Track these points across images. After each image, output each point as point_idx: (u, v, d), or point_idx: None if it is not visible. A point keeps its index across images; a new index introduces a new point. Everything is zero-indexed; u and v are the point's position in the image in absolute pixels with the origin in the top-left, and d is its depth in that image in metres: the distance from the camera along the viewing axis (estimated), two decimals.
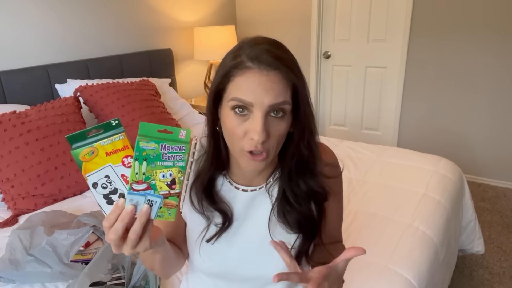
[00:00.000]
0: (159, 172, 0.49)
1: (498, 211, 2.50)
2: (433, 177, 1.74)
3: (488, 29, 2.56)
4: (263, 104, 0.59)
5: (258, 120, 0.59)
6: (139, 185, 0.49)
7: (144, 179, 0.49)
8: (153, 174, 0.49)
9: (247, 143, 0.61)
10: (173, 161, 0.49)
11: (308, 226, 0.72)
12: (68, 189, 1.65)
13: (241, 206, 0.74)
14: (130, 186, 0.48)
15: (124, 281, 1.09)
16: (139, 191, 0.49)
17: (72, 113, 1.83)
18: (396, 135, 3.17)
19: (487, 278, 1.90)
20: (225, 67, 0.63)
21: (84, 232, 1.16)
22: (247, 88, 0.59)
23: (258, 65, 0.59)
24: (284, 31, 3.39)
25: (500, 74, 2.61)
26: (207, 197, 0.72)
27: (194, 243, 0.76)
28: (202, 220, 0.74)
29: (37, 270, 1.09)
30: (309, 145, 0.68)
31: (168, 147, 0.49)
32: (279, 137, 0.63)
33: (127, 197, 0.48)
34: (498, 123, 2.71)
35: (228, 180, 0.75)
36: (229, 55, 0.64)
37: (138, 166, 0.48)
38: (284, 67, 0.60)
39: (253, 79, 0.59)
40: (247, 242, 0.74)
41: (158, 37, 2.87)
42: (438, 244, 1.36)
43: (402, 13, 2.84)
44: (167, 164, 0.49)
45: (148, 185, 0.49)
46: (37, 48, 2.14)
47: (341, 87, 3.34)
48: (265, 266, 0.73)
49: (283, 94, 0.60)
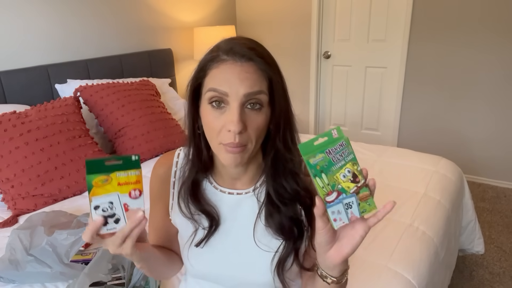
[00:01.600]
0: (339, 175, 0.53)
1: (498, 211, 2.50)
2: (433, 177, 1.74)
3: (488, 29, 2.56)
4: (238, 93, 0.59)
5: (234, 110, 0.59)
6: (331, 196, 0.53)
7: (332, 188, 0.53)
8: (335, 179, 0.53)
9: (224, 136, 0.61)
10: (343, 158, 0.53)
11: (293, 230, 0.69)
12: (68, 189, 1.65)
13: (227, 210, 0.73)
14: (324, 200, 0.53)
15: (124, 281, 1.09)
16: (334, 201, 0.53)
17: (72, 113, 1.83)
18: (396, 135, 3.17)
19: (487, 278, 1.90)
20: (201, 63, 0.64)
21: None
22: (222, 78, 0.60)
23: (232, 56, 0.61)
24: (284, 31, 3.39)
25: (500, 74, 2.61)
26: (194, 200, 0.72)
27: (183, 248, 0.77)
28: (191, 225, 0.74)
29: (37, 270, 1.09)
30: (284, 140, 0.67)
31: (332, 150, 0.52)
32: (257, 130, 0.62)
33: (328, 211, 0.54)
34: (498, 123, 2.71)
35: (213, 184, 0.74)
36: (206, 54, 0.65)
37: (320, 181, 0.53)
38: (259, 57, 0.61)
39: (228, 70, 0.60)
40: (233, 246, 0.73)
41: (158, 37, 2.86)
42: (438, 244, 1.36)
43: (402, 13, 2.84)
44: (341, 164, 0.53)
45: (337, 191, 0.53)
46: (37, 48, 2.14)
47: (341, 87, 3.33)
48: (251, 270, 0.72)
49: (258, 83, 0.61)
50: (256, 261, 0.71)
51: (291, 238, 0.69)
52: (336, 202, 0.53)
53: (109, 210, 0.53)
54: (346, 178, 0.53)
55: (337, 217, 0.54)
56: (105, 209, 0.53)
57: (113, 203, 0.53)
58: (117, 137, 2.00)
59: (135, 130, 2.00)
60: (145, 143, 2.00)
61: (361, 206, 0.53)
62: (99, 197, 0.52)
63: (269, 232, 0.70)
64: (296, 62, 3.40)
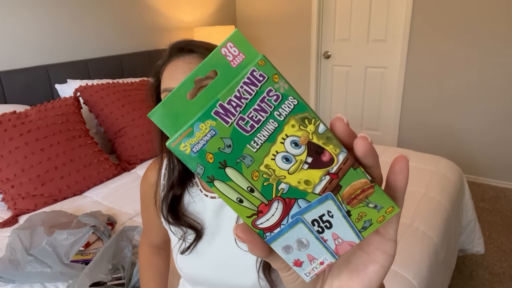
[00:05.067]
0: (271, 161, 0.22)
1: (498, 211, 2.50)
2: (433, 177, 1.74)
3: (488, 29, 2.56)
4: None
5: None
6: (268, 216, 0.23)
7: (264, 197, 0.23)
8: (265, 172, 0.22)
9: None
10: (271, 115, 0.21)
11: None
12: (68, 189, 1.65)
13: (211, 215, 0.73)
14: (260, 231, 0.23)
15: (124, 281, 1.09)
16: (281, 224, 0.23)
17: (72, 113, 1.83)
18: (396, 135, 3.17)
19: (487, 278, 1.90)
20: (154, 73, 0.68)
21: (84, 232, 1.16)
22: (169, 76, 0.63)
23: (174, 54, 0.65)
24: (284, 31, 3.38)
25: (500, 74, 2.61)
26: (172, 215, 0.72)
27: (172, 252, 0.78)
28: (178, 230, 0.74)
29: (37, 270, 1.09)
30: None
31: (234, 103, 0.21)
32: None
33: (275, 249, 0.24)
34: (498, 123, 2.71)
35: (199, 188, 0.74)
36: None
37: (228, 190, 0.22)
38: (198, 47, 0.64)
39: (172, 67, 0.63)
40: (219, 249, 0.73)
41: (158, 37, 2.86)
42: (438, 244, 1.36)
43: (402, 13, 2.84)
44: (268, 130, 0.21)
45: (281, 199, 0.23)
46: (37, 48, 2.14)
47: (341, 87, 3.33)
48: (236, 273, 0.72)
49: None
50: (240, 264, 0.71)
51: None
52: (287, 226, 0.23)
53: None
54: (294, 163, 0.22)
55: (301, 255, 0.24)
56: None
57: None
58: (117, 137, 2.00)
59: (135, 130, 2.00)
60: (145, 143, 2.00)
61: (355, 216, 0.23)
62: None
63: None
64: (296, 62, 3.40)
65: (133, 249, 1.18)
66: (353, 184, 0.22)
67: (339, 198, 0.22)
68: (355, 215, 0.23)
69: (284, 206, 0.23)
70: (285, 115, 0.21)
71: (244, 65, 0.20)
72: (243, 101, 0.20)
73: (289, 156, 0.21)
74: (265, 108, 0.21)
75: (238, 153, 0.21)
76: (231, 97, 0.20)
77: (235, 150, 0.21)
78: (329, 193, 0.22)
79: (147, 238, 0.91)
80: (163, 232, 0.83)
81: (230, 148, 0.21)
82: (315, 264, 0.24)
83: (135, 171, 1.92)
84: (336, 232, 0.23)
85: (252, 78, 0.20)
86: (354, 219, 0.23)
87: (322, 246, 0.24)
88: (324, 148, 0.21)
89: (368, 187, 0.22)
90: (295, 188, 0.22)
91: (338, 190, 0.22)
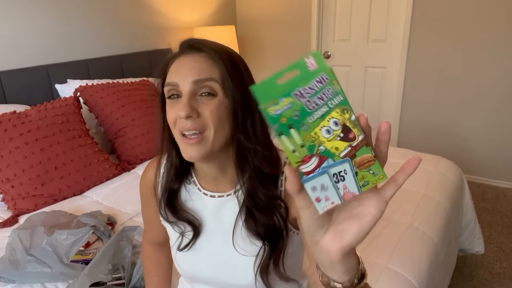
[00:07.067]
0: (319, 131, 0.33)
1: (498, 211, 2.50)
2: (433, 177, 1.74)
3: (488, 29, 2.56)
4: (187, 80, 0.61)
5: (184, 97, 0.61)
6: (308, 164, 0.34)
7: (309, 152, 0.34)
8: (314, 138, 0.33)
9: (179, 125, 0.61)
10: (326, 103, 0.33)
11: (270, 237, 0.67)
12: (68, 189, 1.65)
13: (210, 213, 0.73)
14: (300, 172, 0.34)
15: (124, 281, 1.09)
16: (315, 171, 0.34)
17: (72, 113, 1.83)
18: (396, 135, 3.17)
19: (487, 278, 1.90)
20: (161, 68, 0.67)
21: (84, 232, 1.16)
22: (174, 72, 0.63)
23: (184, 51, 0.64)
24: (284, 31, 3.38)
25: (500, 74, 2.61)
26: (171, 211, 0.73)
27: (171, 250, 0.78)
28: (177, 228, 0.74)
29: (37, 270, 1.09)
30: (245, 130, 0.64)
31: (306, 91, 0.33)
32: (212, 115, 0.60)
33: (306, 188, 0.34)
34: (498, 123, 2.71)
35: (197, 186, 0.74)
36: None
37: (288, 142, 0.33)
38: (207, 47, 0.63)
39: (179, 63, 0.63)
40: (216, 249, 0.73)
41: (158, 37, 2.86)
42: (438, 244, 1.36)
43: (402, 13, 2.84)
44: (321, 112, 0.33)
45: (318, 156, 0.34)
46: (37, 48, 2.14)
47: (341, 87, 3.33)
48: (234, 273, 0.72)
49: (208, 71, 0.61)
50: (238, 264, 0.71)
51: (270, 244, 0.67)
52: (317, 173, 0.34)
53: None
54: (332, 135, 0.33)
55: (321, 195, 0.34)
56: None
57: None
58: (117, 137, 2.00)
59: (135, 130, 2.00)
60: (145, 143, 2.00)
61: (360, 177, 0.34)
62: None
63: (248, 236, 0.69)
64: None
65: (133, 249, 1.18)
66: (363, 156, 0.34)
67: (353, 163, 0.34)
68: (360, 176, 0.34)
69: (319, 160, 0.34)
70: (334, 105, 0.33)
71: (317, 71, 0.33)
72: (312, 91, 0.33)
73: (330, 130, 0.33)
74: (323, 98, 0.33)
75: (301, 121, 0.33)
76: (305, 87, 0.33)
77: (299, 119, 0.33)
78: (348, 158, 0.34)
79: (148, 236, 0.92)
80: (163, 230, 0.83)
81: (297, 117, 0.33)
82: (328, 202, 0.35)
83: (135, 171, 1.92)
84: (346, 184, 0.35)
85: (321, 79, 0.33)
86: (358, 178, 0.35)
87: (335, 191, 0.35)
88: (351, 130, 0.34)
89: (371, 160, 0.34)
90: (328, 150, 0.34)
91: (353, 157, 0.34)
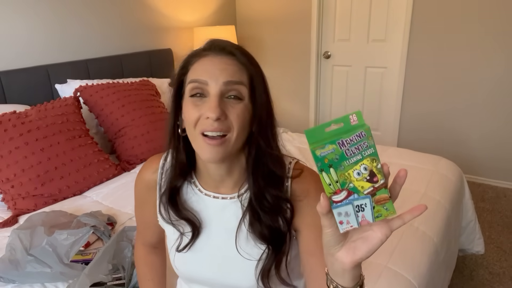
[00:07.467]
0: (352, 172, 0.44)
1: (498, 211, 2.50)
2: (433, 177, 1.74)
3: (488, 29, 2.56)
4: (218, 81, 0.60)
5: (213, 97, 0.60)
6: (339, 195, 0.45)
7: (341, 187, 0.44)
8: (346, 177, 0.44)
9: (203, 125, 0.60)
10: (360, 153, 0.43)
11: (275, 240, 0.67)
12: (68, 189, 1.65)
13: (211, 214, 0.72)
14: (330, 200, 0.45)
15: (124, 281, 1.09)
16: (342, 201, 0.45)
17: (72, 113, 1.83)
18: (396, 135, 3.17)
19: (487, 278, 1.90)
20: (183, 61, 0.67)
21: (84, 232, 1.16)
22: (202, 70, 0.62)
23: (213, 51, 0.64)
24: (284, 31, 3.38)
25: (500, 74, 2.61)
26: (173, 208, 0.72)
27: (169, 251, 0.77)
28: (175, 230, 0.74)
29: (37, 270, 1.09)
30: (266, 136, 0.65)
31: (347, 141, 0.43)
32: (238, 118, 0.61)
33: (334, 212, 0.45)
34: (498, 123, 2.71)
35: (198, 188, 0.73)
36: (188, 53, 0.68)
37: (327, 177, 0.44)
38: (238, 52, 0.63)
39: (208, 62, 0.62)
40: (217, 251, 0.72)
41: (158, 37, 2.86)
42: (438, 244, 1.36)
43: (402, 13, 2.84)
44: (356, 159, 0.43)
45: (347, 191, 0.45)
46: (37, 48, 2.14)
47: (341, 87, 3.33)
48: (234, 275, 0.72)
49: (238, 74, 0.61)
50: (239, 267, 0.70)
51: (274, 248, 0.67)
52: (344, 203, 0.45)
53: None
54: (361, 177, 0.44)
55: (344, 219, 0.46)
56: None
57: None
58: (117, 137, 2.00)
59: (135, 130, 2.00)
60: (145, 143, 2.00)
61: (376, 210, 0.45)
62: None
63: (252, 239, 0.68)
64: (296, 62, 3.40)
65: (133, 249, 1.18)
66: (381, 195, 0.45)
67: (372, 199, 0.45)
68: (376, 209, 0.45)
69: (347, 193, 0.45)
70: (366, 155, 0.43)
71: (357, 126, 0.44)
72: (351, 142, 0.43)
73: (360, 173, 0.44)
74: (359, 148, 0.43)
75: (339, 163, 0.44)
76: (347, 138, 0.43)
77: (338, 161, 0.44)
78: (369, 196, 0.45)
79: (142, 237, 0.90)
80: (158, 231, 0.83)
81: (337, 160, 0.43)
82: (348, 225, 0.46)
83: (135, 171, 1.92)
84: (364, 214, 0.46)
85: (360, 134, 0.43)
86: (375, 211, 0.45)
87: (355, 218, 0.46)
88: (376, 175, 0.44)
89: (387, 199, 0.45)
90: (355, 187, 0.45)
91: (373, 195, 0.45)
